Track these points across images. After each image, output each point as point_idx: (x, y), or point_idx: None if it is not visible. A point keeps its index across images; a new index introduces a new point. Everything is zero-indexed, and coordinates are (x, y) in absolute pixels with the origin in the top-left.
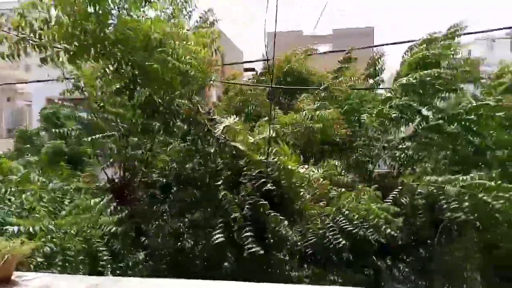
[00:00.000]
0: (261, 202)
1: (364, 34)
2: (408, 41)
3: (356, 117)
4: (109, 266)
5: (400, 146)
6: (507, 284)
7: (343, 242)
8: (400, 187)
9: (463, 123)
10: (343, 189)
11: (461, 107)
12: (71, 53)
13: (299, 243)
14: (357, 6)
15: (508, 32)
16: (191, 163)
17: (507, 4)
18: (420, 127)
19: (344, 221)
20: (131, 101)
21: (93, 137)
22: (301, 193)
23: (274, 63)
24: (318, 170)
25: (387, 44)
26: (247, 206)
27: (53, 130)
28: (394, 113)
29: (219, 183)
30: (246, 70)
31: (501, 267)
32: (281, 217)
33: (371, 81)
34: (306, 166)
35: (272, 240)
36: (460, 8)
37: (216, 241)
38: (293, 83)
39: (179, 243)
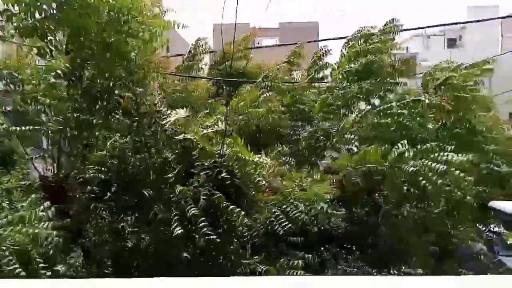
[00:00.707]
0: (217, 195)
1: (310, 28)
2: (346, 37)
3: (300, 109)
4: (43, 270)
5: (343, 137)
6: (439, 261)
7: (289, 225)
8: (341, 174)
9: (396, 117)
10: (289, 180)
11: (396, 102)
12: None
13: (251, 232)
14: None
15: (441, 29)
16: (136, 158)
17: (441, 3)
18: (358, 118)
19: (291, 209)
20: (71, 91)
21: (22, 128)
22: (257, 181)
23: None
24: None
25: (332, 39)
26: (202, 197)
27: None
28: (336, 103)
29: (170, 176)
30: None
31: (435, 246)
32: (237, 209)
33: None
34: (259, 156)
35: (226, 230)
36: (397, 8)
37: (175, 233)
38: (238, 75)
39: (123, 242)
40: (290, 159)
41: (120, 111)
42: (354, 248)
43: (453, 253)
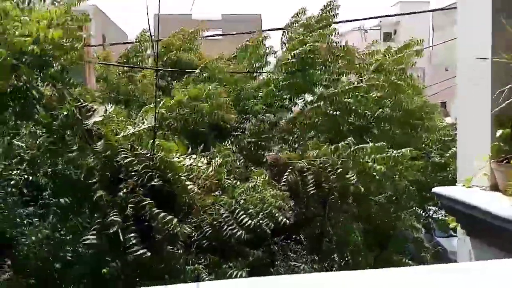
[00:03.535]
0: (146, 202)
1: (252, 20)
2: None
3: (243, 101)
4: None
5: (286, 127)
6: (382, 249)
7: (240, 232)
8: (289, 168)
9: (340, 105)
10: (237, 180)
11: (339, 89)
12: None
13: (193, 235)
14: None
15: (378, 24)
16: (57, 159)
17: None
18: (304, 109)
19: (239, 212)
20: None
21: None
22: (188, 187)
23: (158, 48)
24: (207, 158)
25: (273, 30)
26: (130, 205)
27: None
28: (279, 95)
29: (94, 181)
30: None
31: (378, 234)
32: (169, 216)
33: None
34: (194, 156)
35: (161, 238)
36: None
37: (87, 243)
38: (179, 66)
39: (51, 252)
40: (237, 155)
41: (41, 105)
42: (302, 239)
43: (395, 238)
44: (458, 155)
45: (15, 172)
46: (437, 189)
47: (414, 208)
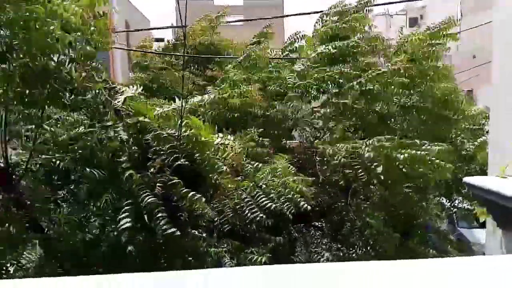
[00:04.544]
0: (173, 181)
1: (274, 6)
2: (316, 12)
3: (274, 87)
4: None
5: (312, 117)
6: (404, 239)
7: (261, 215)
8: (314, 156)
9: (363, 94)
10: (259, 163)
11: (367, 77)
12: None
13: (216, 219)
14: None
15: (403, 8)
16: (88, 139)
17: None
18: (331, 98)
19: (261, 196)
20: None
21: None
22: (217, 165)
23: (186, 32)
24: (234, 141)
25: (297, 14)
26: (158, 185)
27: None
28: (310, 84)
29: (123, 160)
30: (157, 40)
31: (401, 223)
32: (197, 195)
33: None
34: (221, 135)
35: (187, 219)
36: None
37: (123, 227)
38: (205, 53)
39: (82, 235)
40: (262, 140)
41: (71, 86)
42: (323, 226)
43: (419, 227)
44: (490, 142)
45: (44, 156)
46: (468, 179)
47: (439, 198)
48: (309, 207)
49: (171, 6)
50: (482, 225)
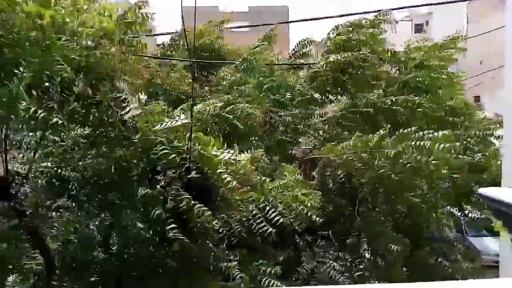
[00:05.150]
0: (183, 196)
1: (279, 12)
2: (319, 18)
3: (278, 95)
4: None
5: (320, 126)
6: (414, 248)
7: (270, 229)
8: (319, 163)
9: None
10: (266, 177)
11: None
12: None
13: (224, 231)
14: None
15: (408, 15)
16: (94, 152)
17: None
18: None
19: (270, 210)
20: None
21: None
22: (226, 180)
23: (188, 36)
24: (244, 153)
25: (301, 21)
26: (170, 198)
27: None
28: (320, 91)
29: (133, 174)
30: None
31: (410, 232)
32: (205, 209)
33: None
34: (232, 151)
35: (196, 231)
36: None
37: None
38: (208, 58)
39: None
40: (267, 149)
41: (75, 97)
42: (330, 236)
43: (427, 239)
44: (505, 151)
45: (45, 164)
46: (482, 190)
47: (449, 207)
48: (319, 220)
49: (177, 12)
50: (491, 233)
